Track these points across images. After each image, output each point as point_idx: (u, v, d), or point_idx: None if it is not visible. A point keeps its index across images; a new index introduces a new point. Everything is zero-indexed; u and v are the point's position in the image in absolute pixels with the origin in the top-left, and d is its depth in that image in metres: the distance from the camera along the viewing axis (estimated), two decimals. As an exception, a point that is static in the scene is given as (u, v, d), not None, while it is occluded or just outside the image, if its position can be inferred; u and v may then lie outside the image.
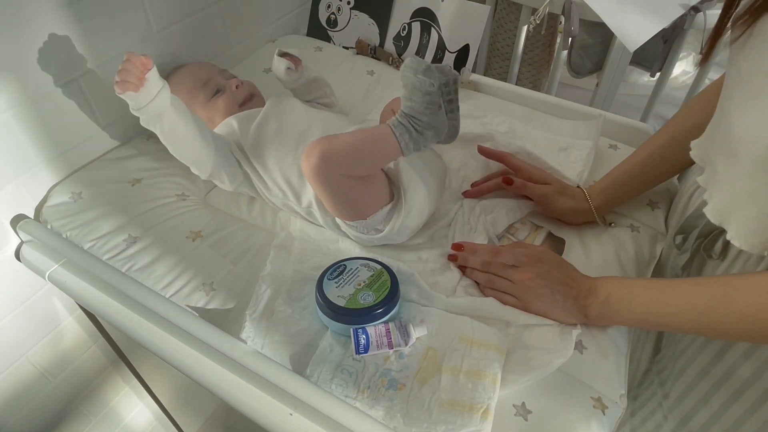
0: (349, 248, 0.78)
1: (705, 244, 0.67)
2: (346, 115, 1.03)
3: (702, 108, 0.71)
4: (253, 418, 0.63)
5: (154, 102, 0.73)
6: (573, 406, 0.62)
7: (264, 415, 0.63)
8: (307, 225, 0.82)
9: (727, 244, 0.63)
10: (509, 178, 0.84)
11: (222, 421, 1.34)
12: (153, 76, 0.72)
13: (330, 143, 0.68)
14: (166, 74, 0.94)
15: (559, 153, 0.95)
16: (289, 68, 0.90)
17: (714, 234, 0.65)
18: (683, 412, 0.71)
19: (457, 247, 0.76)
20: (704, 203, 0.64)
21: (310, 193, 0.78)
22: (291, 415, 0.61)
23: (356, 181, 0.71)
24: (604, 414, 0.62)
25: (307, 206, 0.80)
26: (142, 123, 0.76)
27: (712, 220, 0.62)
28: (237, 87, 0.91)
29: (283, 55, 0.90)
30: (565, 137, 0.98)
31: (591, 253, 0.81)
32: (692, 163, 0.70)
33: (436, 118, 0.70)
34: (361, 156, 0.70)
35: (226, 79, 0.92)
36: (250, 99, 0.92)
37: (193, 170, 0.83)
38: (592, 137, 0.96)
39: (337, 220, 0.76)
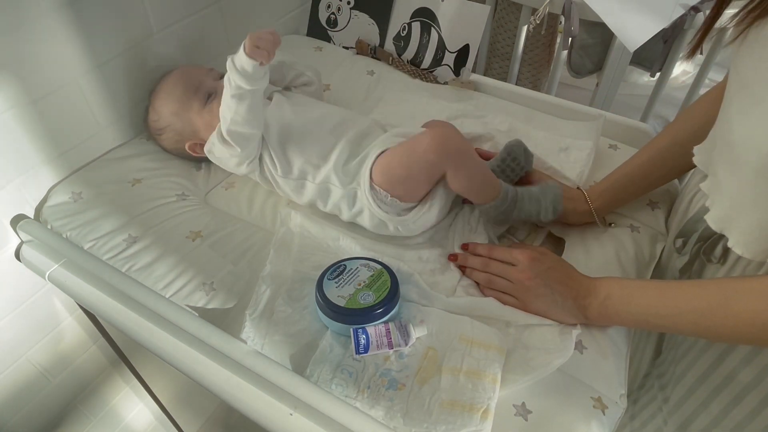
0: (349, 246, 0.78)
1: (705, 248, 0.66)
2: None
3: (704, 111, 0.70)
4: (253, 418, 0.63)
5: (262, 80, 0.76)
6: (573, 406, 0.62)
7: (264, 415, 0.63)
8: (307, 221, 0.82)
9: (727, 249, 0.62)
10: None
11: (222, 421, 1.34)
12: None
13: (470, 146, 0.79)
14: (155, 83, 0.93)
15: (560, 153, 0.95)
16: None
17: (714, 238, 0.65)
18: (683, 417, 0.71)
19: (463, 246, 0.77)
20: (705, 207, 0.64)
21: (328, 169, 0.80)
22: (291, 415, 0.61)
23: (439, 176, 0.76)
24: (604, 414, 0.62)
25: (323, 181, 0.81)
26: (229, 84, 0.76)
27: (714, 228, 0.62)
28: None
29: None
30: (565, 137, 0.98)
31: (591, 253, 0.80)
32: (693, 166, 0.70)
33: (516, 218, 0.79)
34: (475, 174, 0.76)
35: (215, 80, 0.91)
36: None
37: (231, 143, 0.81)
38: (592, 138, 0.96)
39: (366, 190, 0.76)
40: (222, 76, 0.92)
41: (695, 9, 1.15)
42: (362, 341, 0.64)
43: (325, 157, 0.81)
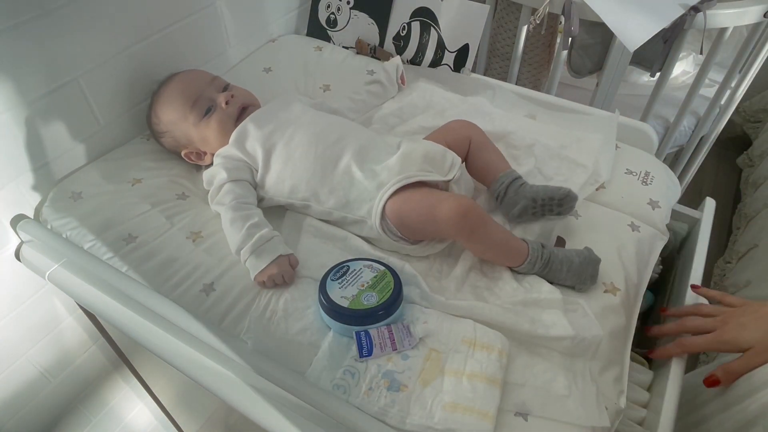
0: (359, 245, 0.78)
1: None
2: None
3: None
4: (253, 419, 0.63)
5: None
6: (573, 406, 0.62)
7: (264, 415, 0.63)
8: (316, 221, 0.82)
9: None
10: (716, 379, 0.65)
11: (222, 421, 1.34)
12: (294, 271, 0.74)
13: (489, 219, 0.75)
14: (159, 84, 0.93)
15: (573, 143, 0.97)
16: None
17: None
18: None
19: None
20: None
21: (330, 206, 0.80)
22: (291, 415, 0.61)
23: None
24: (604, 412, 0.62)
25: (324, 211, 0.81)
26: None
27: None
28: (227, 103, 0.88)
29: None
30: (577, 131, 1.00)
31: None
32: None
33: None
34: (490, 247, 0.75)
35: (218, 91, 0.89)
36: (244, 110, 0.89)
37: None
38: (603, 131, 0.98)
39: (376, 223, 0.76)
40: (225, 87, 0.90)
41: (695, 9, 1.15)
42: (365, 345, 0.63)
43: (329, 189, 0.80)
